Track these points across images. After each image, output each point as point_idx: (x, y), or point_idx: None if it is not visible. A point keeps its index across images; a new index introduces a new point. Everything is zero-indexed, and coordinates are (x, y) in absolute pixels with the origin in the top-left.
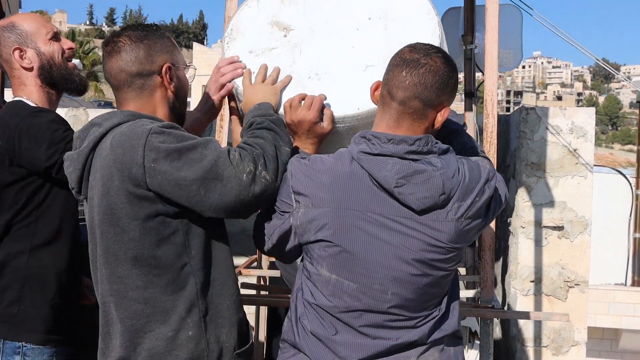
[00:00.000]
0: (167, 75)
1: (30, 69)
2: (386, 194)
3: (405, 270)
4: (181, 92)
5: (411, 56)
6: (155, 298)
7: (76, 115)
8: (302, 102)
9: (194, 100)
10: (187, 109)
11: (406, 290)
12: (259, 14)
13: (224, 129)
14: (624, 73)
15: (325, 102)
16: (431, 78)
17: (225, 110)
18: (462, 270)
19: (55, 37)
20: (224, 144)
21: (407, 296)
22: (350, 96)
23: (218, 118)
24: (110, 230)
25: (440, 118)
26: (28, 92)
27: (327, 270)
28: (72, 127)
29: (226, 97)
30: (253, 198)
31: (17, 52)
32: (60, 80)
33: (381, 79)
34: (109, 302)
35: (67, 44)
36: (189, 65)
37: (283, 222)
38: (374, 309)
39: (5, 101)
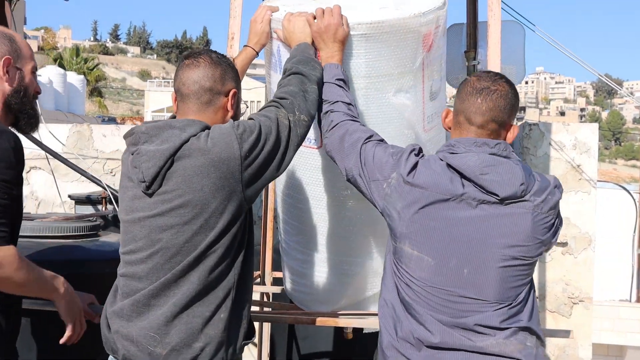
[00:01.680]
0: (232, 100)
1: (7, 82)
2: (471, 183)
3: (482, 250)
4: (235, 119)
5: (481, 84)
6: (206, 281)
7: (80, 131)
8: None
9: None
10: None
11: (481, 271)
12: None
13: (234, 48)
14: (627, 89)
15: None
16: (503, 102)
17: (235, 27)
18: None
19: (35, 74)
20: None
21: (482, 278)
22: (364, 13)
23: (229, 37)
24: (197, 222)
25: (510, 136)
26: None
27: (409, 247)
28: (76, 143)
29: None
30: (299, 139)
31: (5, 61)
32: (22, 112)
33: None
34: (166, 280)
35: (38, 87)
36: (244, 102)
37: (375, 181)
38: (451, 287)
39: None
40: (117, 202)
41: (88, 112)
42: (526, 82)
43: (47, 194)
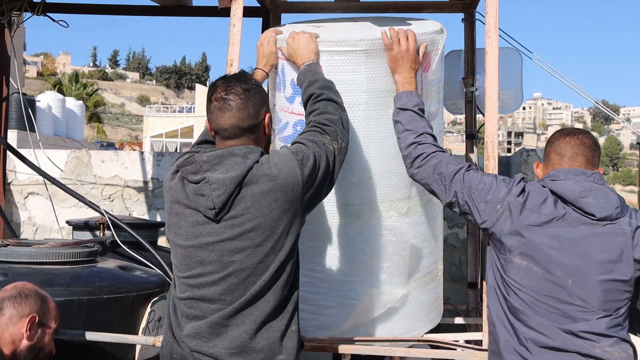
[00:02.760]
0: (269, 123)
1: (27, 339)
2: (570, 206)
3: (583, 264)
4: (271, 128)
5: (567, 130)
6: (280, 298)
7: (78, 156)
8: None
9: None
10: (189, 148)
11: (584, 282)
12: (300, 24)
13: None
14: (624, 114)
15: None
16: (587, 140)
17: (234, 54)
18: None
19: (54, 335)
20: None
21: (585, 289)
22: (366, 31)
23: (227, 64)
24: (268, 244)
25: None
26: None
27: (519, 258)
28: (74, 168)
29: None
30: (341, 165)
31: (31, 319)
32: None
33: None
34: (244, 300)
35: (54, 348)
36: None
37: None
38: (557, 294)
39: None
40: (115, 227)
41: (86, 138)
42: (524, 108)
43: (45, 219)
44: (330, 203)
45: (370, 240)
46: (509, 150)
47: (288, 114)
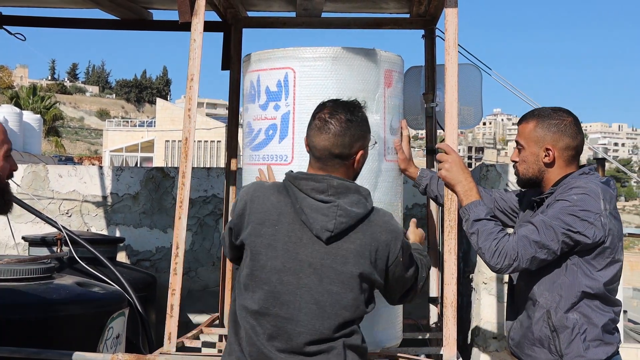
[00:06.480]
0: (360, 160)
1: None
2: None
3: None
4: (362, 166)
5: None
6: (353, 316)
7: (35, 171)
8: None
9: (157, 156)
10: (151, 164)
11: None
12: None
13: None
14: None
15: None
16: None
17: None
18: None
19: (8, 156)
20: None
21: None
22: None
23: (188, 79)
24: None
25: None
26: None
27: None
28: (31, 183)
29: None
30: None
31: None
32: None
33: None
34: (304, 312)
35: (14, 165)
36: (375, 144)
37: None
38: None
39: None
40: (72, 243)
41: (44, 152)
42: (484, 124)
43: (0, 235)
44: None
45: None
46: (470, 165)
47: (260, 121)
